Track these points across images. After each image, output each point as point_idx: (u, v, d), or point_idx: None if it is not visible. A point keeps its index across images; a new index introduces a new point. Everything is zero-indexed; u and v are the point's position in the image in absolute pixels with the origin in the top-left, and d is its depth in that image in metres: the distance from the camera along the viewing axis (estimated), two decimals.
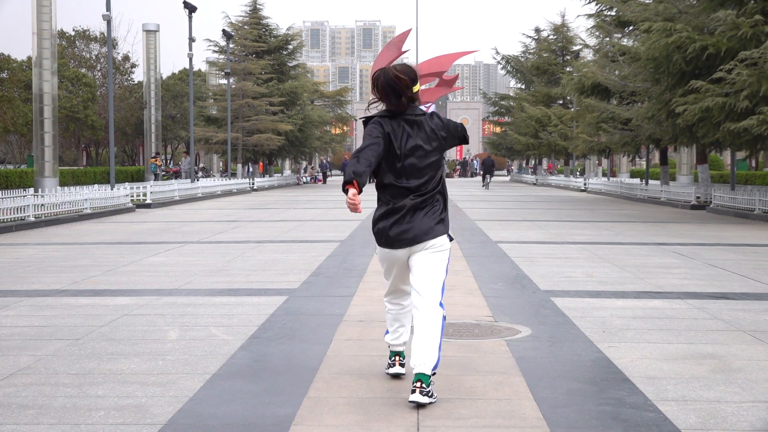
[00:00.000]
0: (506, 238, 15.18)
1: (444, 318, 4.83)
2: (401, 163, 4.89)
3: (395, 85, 4.85)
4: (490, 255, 12.48)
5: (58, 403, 4.79)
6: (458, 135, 5.06)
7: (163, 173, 49.17)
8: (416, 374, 4.68)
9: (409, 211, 4.85)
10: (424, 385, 4.65)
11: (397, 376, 5.29)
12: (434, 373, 4.78)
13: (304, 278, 9.90)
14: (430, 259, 4.86)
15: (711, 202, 25.78)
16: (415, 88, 4.98)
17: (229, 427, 4.38)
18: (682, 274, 10.31)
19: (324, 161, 67.17)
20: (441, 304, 4.83)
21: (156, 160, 47.90)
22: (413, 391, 4.65)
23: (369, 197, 9.04)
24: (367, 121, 5.01)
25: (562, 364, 5.69)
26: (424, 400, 4.63)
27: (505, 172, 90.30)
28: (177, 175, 49.66)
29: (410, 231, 4.83)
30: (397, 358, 5.30)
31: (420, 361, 4.67)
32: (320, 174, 64.91)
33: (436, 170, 4.95)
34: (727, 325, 7.06)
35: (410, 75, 4.93)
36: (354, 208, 4.59)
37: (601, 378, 5.34)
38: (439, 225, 4.90)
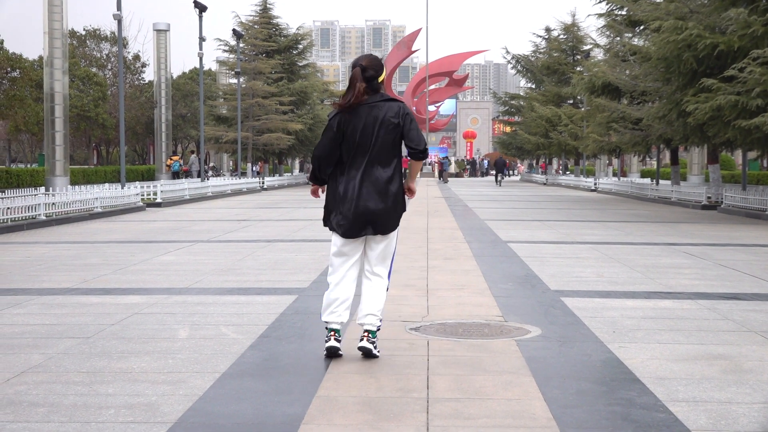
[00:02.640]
0: (516, 238, 15.15)
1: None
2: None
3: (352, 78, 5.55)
4: (500, 255, 12.46)
5: (69, 401, 4.81)
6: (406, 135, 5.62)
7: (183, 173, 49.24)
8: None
9: None
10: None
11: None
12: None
13: (314, 277, 9.91)
14: None
15: (722, 202, 25.69)
16: (380, 78, 5.62)
17: (239, 426, 4.38)
18: (692, 275, 10.28)
19: None
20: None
21: (178, 158, 48.00)
22: (361, 339, 5.67)
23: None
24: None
25: (572, 364, 5.68)
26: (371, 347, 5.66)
27: (511, 172, 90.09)
28: (187, 174, 49.70)
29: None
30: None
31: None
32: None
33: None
34: (738, 325, 7.03)
35: (374, 66, 5.60)
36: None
37: (611, 378, 5.33)
38: None
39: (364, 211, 5.56)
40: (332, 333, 5.70)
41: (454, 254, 12.36)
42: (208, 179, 38.95)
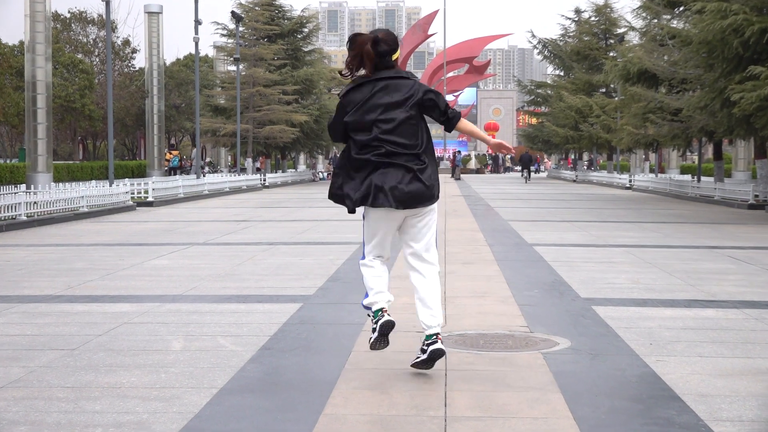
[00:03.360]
0: (543, 240, 15.14)
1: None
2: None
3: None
4: (525, 259, 12.45)
5: (52, 419, 4.82)
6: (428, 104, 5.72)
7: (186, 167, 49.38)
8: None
9: None
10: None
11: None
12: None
13: (320, 284, 9.92)
14: None
15: None
16: (395, 56, 5.76)
17: None
18: (738, 281, 10.24)
19: (338, 155, 66.03)
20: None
21: (178, 153, 48.13)
22: (434, 343, 5.62)
23: None
24: None
25: (605, 379, 5.67)
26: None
27: (541, 168, 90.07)
28: (182, 170, 49.83)
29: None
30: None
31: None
32: (327, 171, 63.88)
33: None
34: None
35: (390, 43, 5.72)
36: None
37: (647, 395, 5.32)
38: None
39: None
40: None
41: (474, 258, 12.35)
42: (204, 176, 39.07)
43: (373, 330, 5.67)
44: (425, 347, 5.65)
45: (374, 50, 5.65)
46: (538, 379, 5.67)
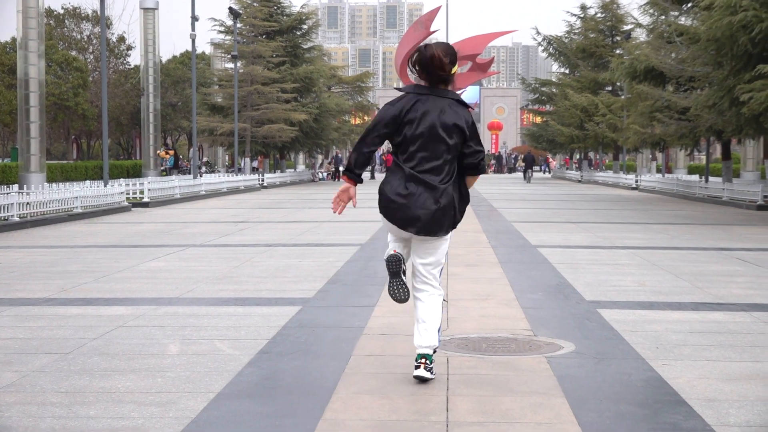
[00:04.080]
0: (547, 242, 15.15)
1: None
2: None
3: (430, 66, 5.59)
4: (529, 261, 12.46)
5: (46, 424, 4.84)
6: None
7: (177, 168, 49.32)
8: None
9: None
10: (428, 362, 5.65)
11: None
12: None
13: (319, 286, 9.93)
14: None
15: None
16: (453, 70, 5.69)
17: None
18: (746, 284, 10.25)
19: (339, 155, 63.50)
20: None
21: (173, 152, 48.11)
22: (417, 367, 5.62)
23: None
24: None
25: (610, 384, 5.68)
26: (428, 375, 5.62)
27: (539, 168, 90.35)
28: (181, 170, 49.82)
29: None
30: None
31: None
32: (328, 172, 62.81)
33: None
34: None
35: (450, 56, 5.67)
36: None
37: (654, 400, 5.33)
38: None
39: None
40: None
41: (477, 260, 12.36)
42: (201, 176, 39.08)
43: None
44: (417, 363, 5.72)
45: None
46: (541, 383, 5.68)
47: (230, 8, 46.66)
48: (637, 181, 44.77)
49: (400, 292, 5.63)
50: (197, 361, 6.28)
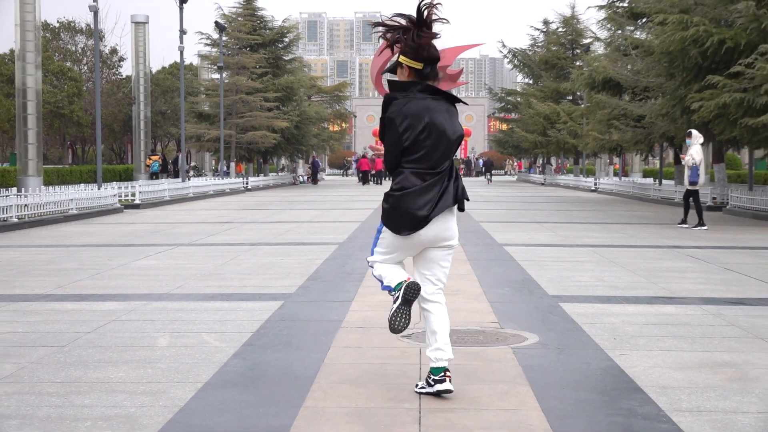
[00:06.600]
0: (513, 241, 15.19)
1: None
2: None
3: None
4: (496, 258, 12.49)
5: (43, 413, 4.80)
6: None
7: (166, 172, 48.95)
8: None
9: None
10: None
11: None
12: None
13: (300, 282, 9.91)
14: None
15: (728, 203, 25.79)
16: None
17: None
18: (697, 279, 10.32)
19: (315, 159, 62.19)
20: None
21: (158, 158, 47.74)
22: (442, 381, 5.05)
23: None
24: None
25: (571, 372, 5.70)
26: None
27: (502, 171, 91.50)
28: (166, 173, 49.46)
29: None
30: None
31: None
32: (306, 175, 61.60)
33: None
34: (744, 332, 7.07)
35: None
36: None
37: (611, 387, 5.35)
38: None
39: None
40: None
41: None
42: (189, 179, 38.90)
43: (395, 300, 5.11)
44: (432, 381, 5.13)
45: None
46: (508, 372, 5.69)
47: (216, 22, 46.51)
48: (596, 184, 44.93)
49: (404, 322, 5.07)
50: (186, 353, 6.25)
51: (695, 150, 17.92)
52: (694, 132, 18.19)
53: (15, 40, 29.28)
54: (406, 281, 5.10)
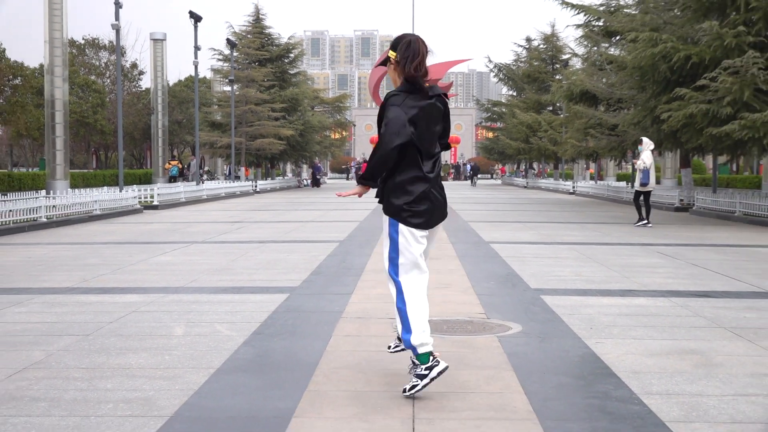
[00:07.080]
0: (498, 239, 15.18)
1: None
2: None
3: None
4: (483, 255, 12.49)
5: (69, 396, 4.79)
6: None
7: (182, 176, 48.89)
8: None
9: None
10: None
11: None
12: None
13: (304, 277, 9.90)
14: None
15: (694, 204, 25.81)
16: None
17: (233, 420, 4.38)
18: (666, 273, 10.32)
19: (317, 164, 60.58)
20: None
21: (177, 163, 47.68)
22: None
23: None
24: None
25: (552, 359, 5.70)
26: None
27: (489, 175, 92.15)
28: (184, 177, 49.47)
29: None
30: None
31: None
32: (309, 179, 60.34)
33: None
34: (708, 322, 7.07)
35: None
36: None
37: (588, 373, 5.35)
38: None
39: None
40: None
41: (438, 254, 12.36)
42: (203, 183, 38.86)
43: (422, 377, 4.70)
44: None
45: None
46: (494, 359, 5.69)
47: (228, 39, 46.47)
48: (574, 187, 44.92)
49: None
50: (199, 341, 6.24)
51: (646, 155, 18.18)
52: (645, 139, 18.42)
53: (44, 56, 29.25)
54: (437, 362, 4.72)
